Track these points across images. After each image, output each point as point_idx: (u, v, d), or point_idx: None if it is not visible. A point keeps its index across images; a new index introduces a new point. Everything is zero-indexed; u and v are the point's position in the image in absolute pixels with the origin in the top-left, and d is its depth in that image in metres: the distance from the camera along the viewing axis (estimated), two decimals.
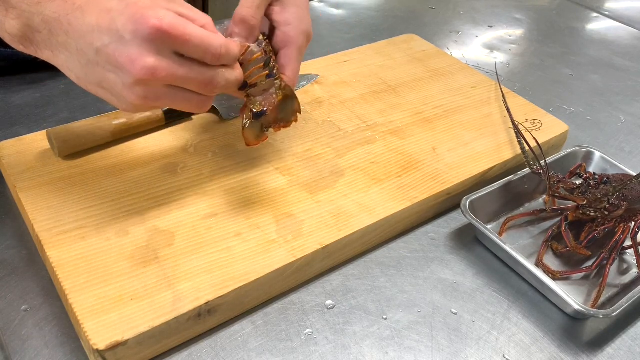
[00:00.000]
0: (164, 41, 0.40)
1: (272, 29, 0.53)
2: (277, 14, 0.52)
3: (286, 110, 0.51)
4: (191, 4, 0.46)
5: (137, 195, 0.53)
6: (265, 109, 0.49)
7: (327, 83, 0.73)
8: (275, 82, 0.50)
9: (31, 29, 0.42)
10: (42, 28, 0.42)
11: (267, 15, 0.52)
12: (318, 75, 0.74)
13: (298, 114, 0.53)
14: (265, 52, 0.50)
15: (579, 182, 0.59)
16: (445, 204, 0.61)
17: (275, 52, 0.53)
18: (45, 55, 0.44)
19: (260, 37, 0.50)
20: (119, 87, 0.42)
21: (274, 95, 0.50)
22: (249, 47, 0.49)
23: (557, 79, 0.90)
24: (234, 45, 0.45)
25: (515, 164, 0.66)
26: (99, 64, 0.42)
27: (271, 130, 0.51)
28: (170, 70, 0.42)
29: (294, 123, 0.52)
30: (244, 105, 0.51)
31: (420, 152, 0.63)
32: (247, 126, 0.50)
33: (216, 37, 0.44)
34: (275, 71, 0.50)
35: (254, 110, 0.49)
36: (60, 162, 0.56)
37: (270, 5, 0.52)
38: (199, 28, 0.43)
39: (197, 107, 0.46)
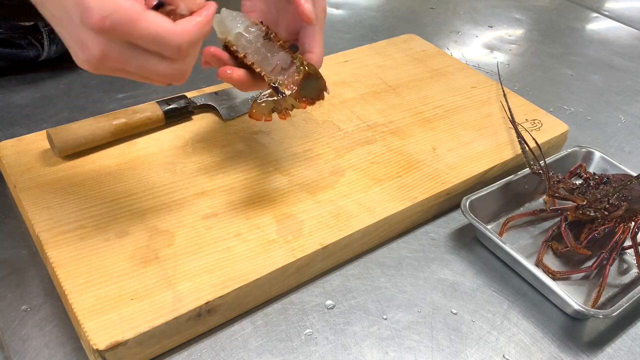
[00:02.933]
0: (111, 35, 0.38)
1: (282, 7, 0.52)
2: None
3: (309, 88, 0.49)
4: None
5: (137, 195, 0.53)
6: (287, 91, 0.48)
7: (327, 83, 0.72)
8: (295, 60, 0.49)
9: None
10: None
11: None
12: None
13: (325, 92, 0.51)
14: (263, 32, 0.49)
15: (579, 182, 0.59)
16: (445, 204, 0.61)
17: (292, 32, 0.52)
18: None
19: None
20: (79, 60, 0.41)
21: (295, 75, 0.48)
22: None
23: (557, 79, 0.90)
24: (195, 32, 0.41)
25: (515, 164, 0.66)
26: (62, 36, 0.40)
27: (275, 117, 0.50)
28: (120, 63, 0.40)
29: (319, 102, 0.51)
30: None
31: (420, 152, 0.63)
32: (259, 100, 0.48)
33: (175, 30, 0.39)
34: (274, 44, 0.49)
35: (273, 85, 0.48)
36: (60, 162, 0.56)
37: None
38: (154, 20, 0.39)
39: (170, 82, 0.44)
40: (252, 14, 0.53)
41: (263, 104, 0.48)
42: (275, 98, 0.48)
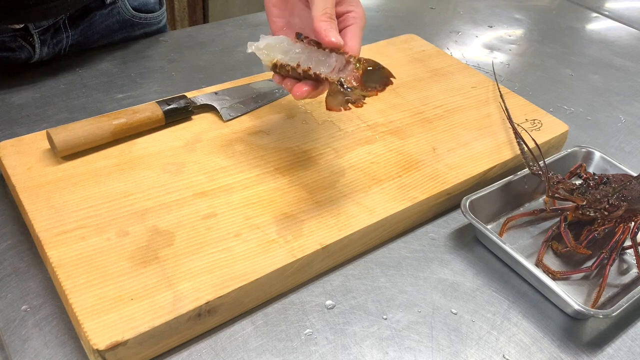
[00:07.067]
0: None
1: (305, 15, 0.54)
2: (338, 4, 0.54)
3: (373, 79, 0.50)
4: (191, 4, 0.46)
5: (137, 195, 0.53)
6: (351, 86, 0.49)
7: None
8: (351, 59, 0.49)
9: None
10: None
11: None
12: None
13: (392, 78, 0.50)
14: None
15: (578, 182, 0.59)
16: (445, 204, 0.61)
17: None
18: None
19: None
20: None
21: (354, 71, 0.49)
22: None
23: (557, 79, 0.90)
24: None
25: (515, 164, 0.66)
26: None
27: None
28: None
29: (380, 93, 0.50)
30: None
31: (420, 152, 0.63)
32: (330, 95, 0.49)
33: None
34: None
35: (344, 84, 0.49)
36: (60, 162, 0.56)
37: None
38: None
39: None
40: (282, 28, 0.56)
41: (335, 97, 0.49)
42: (343, 91, 0.49)
